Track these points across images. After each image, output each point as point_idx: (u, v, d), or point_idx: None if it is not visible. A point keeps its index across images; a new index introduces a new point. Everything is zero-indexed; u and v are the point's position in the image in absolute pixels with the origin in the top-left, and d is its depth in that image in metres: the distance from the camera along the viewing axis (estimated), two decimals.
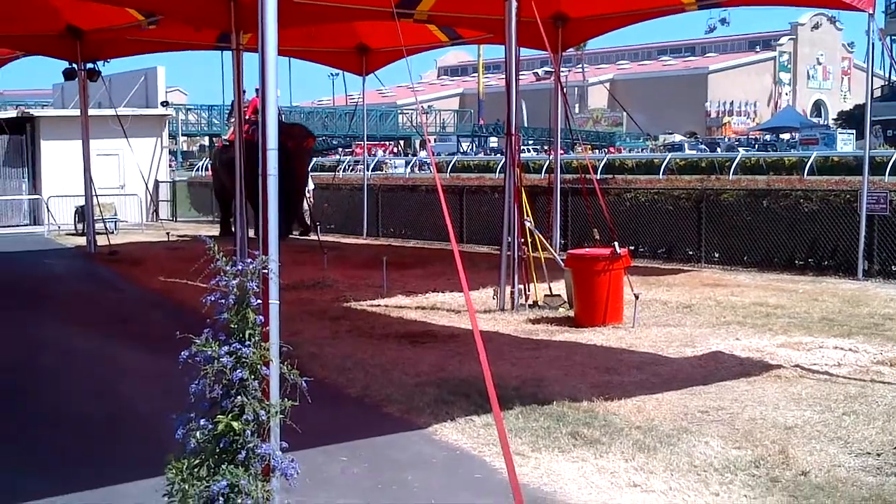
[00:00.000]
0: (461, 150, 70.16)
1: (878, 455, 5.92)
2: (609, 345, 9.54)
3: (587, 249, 11.83)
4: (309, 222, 22.53)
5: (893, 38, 75.68)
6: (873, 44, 15.25)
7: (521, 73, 14.04)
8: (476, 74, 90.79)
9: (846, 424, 6.55)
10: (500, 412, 5.42)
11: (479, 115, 79.62)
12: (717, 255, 15.71)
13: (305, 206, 22.66)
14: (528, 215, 12.50)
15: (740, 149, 55.64)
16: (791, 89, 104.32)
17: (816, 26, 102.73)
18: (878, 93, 68.86)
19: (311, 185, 23.30)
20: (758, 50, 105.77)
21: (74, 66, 19.38)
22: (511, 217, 11.90)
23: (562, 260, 12.12)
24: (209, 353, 4.34)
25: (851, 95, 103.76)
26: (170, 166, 33.32)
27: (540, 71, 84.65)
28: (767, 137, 69.92)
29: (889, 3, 78.09)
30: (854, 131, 57.74)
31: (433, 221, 20.10)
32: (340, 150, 54.05)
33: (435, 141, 73.49)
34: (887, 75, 73.36)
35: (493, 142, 73.34)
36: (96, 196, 20.20)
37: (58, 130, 26.97)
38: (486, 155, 61.45)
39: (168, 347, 4.58)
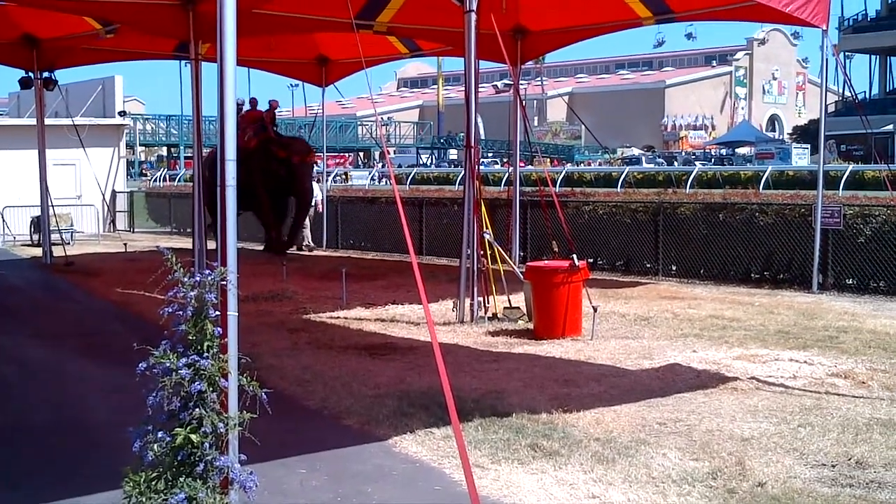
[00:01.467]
0: (421, 162, 70.24)
1: (833, 466, 5.99)
2: (568, 357, 9.58)
3: (546, 262, 11.88)
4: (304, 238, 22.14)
5: (847, 54, 76.99)
6: (827, 60, 15.49)
7: (480, 85, 14.11)
8: (436, 86, 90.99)
9: (802, 436, 6.62)
10: (460, 424, 5.43)
11: (440, 127, 79.76)
12: (674, 268, 15.83)
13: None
14: (487, 227, 12.53)
15: (697, 163, 56.21)
16: (747, 104, 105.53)
17: (763, 42, 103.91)
18: (832, 108, 69.93)
19: (318, 196, 22.66)
20: (714, 65, 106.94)
21: (31, 74, 19.16)
22: (470, 229, 11.92)
23: (521, 272, 12.16)
24: (167, 364, 4.32)
25: (806, 110, 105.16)
26: (144, 174, 33.04)
27: (499, 83, 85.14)
28: (723, 151, 70.69)
29: (843, 19, 79.39)
30: (809, 146, 58.47)
31: (393, 233, 20.10)
32: None
33: (394, 153, 73.55)
34: (841, 91, 74.47)
35: (453, 154, 73.49)
36: (52, 206, 19.97)
37: (13, 140, 26.60)
38: (447, 167, 61.52)
39: (126, 359, 4.54)
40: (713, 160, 62.65)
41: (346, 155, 77.51)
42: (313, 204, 22.02)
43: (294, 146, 21.22)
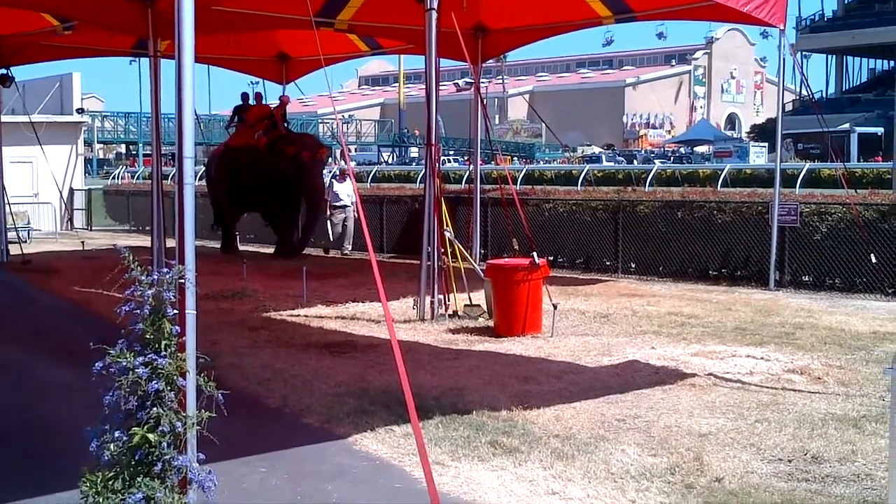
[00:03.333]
0: (382, 160, 70.08)
1: (790, 461, 6.06)
2: (528, 354, 9.62)
3: (507, 260, 11.91)
4: (346, 242, 20.27)
5: (804, 53, 77.86)
6: (784, 59, 15.68)
7: (441, 83, 14.11)
8: (397, 84, 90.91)
9: (759, 431, 6.69)
10: (420, 422, 5.44)
11: (401, 125, 79.62)
12: (633, 266, 15.94)
13: (348, 223, 20.23)
14: (448, 226, 12.55)
15: (656, 161, 56.50)
16: (706, 103, 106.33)
17: (711, 41, 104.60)
18: (789, 107, 70.76)
19: (353, 198, 19.56)
20: (674, 64, 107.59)
21: None
22: (431, 227, 11.93)
23: (482, 270, 12.19)
24: (124, 363, 4.29)
25: (764, 109, 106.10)
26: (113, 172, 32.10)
27: (460, 82, 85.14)
28: (682, 150, 71.17)
29: (800, 19, 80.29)
30: (766, 144, 59.09)
31: (355, 231, 20.05)
32: None
33: (356, 150, 73.35)
34: (798, 90, 75.30)
35: (414, 152, 73.44)
36: (9, 204, 19.74)
37: None
38: (408, 165, 61.45)
39: (83, 358, 4.50)
40: (672, 158, 63.05)
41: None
42: (351, 207, 19.99)
43: (303, 142, 20.25)
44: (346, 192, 20.21)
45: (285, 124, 20.83)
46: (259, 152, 19.48)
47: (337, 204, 20.16)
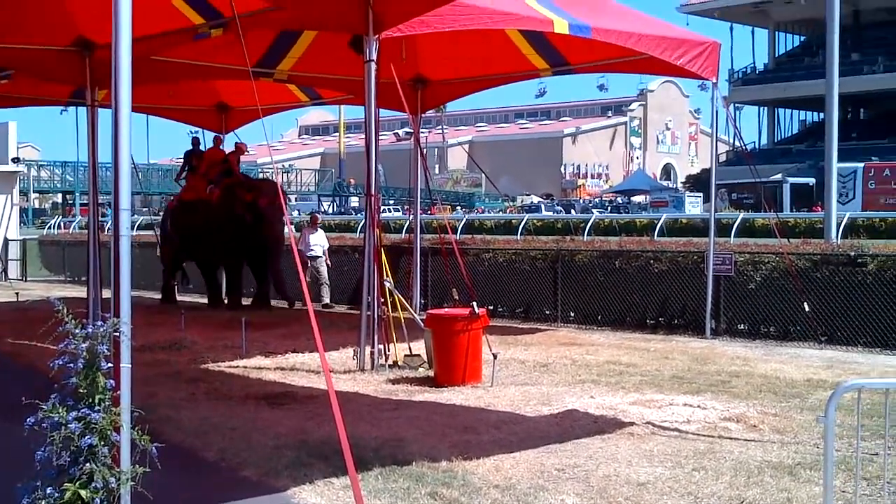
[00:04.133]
0: (322, 210, 70.01)
1: None
2: (468, 404, 9.61)
3: (446, 309, 11.93)
4: (324, 293, 19.55)
5: (737, 105, 79.53)
6: (717, 111, 16.02)
7: (381, 133, 14.20)
8: (337, 134, 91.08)
9: (696, 480, 6.74)
10: (359, 473, 5.41)
11: (341, 175, 79.70)
12: (572, 315, 16.04)
13: (321, 272, 19.63)
14: (388, 275, 12.55)
15: (594, 210, 57.20)
16: (642, 153, 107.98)
17: (644, 92, 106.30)
18: (723, 158, 72.11)
19: (325, 246, 19.92)
20: (610, 115, 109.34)
21: None
22: (371, 277, 11.92)
23: (422, 320, 12.19)
24: (56, 418, 4.23)
25: (699, 160, 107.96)
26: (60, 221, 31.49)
27: (400, 132, 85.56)
28: (620, 199, 72.14)
29: (732, 72, 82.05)
30: (701, 194, 59.97)
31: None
32: None
33: (295, 200, 73.17)
34: (732, 141, 76.78)
35: (354, 201, 73.47)
36: None
37: None
38: (349, 214, 61.44)
39: (15, 412, 4.42)
40: (610, 208, 63.83)
41: None
42: (324, 256, 19.68)
43: (262, 188, 19.51)
44: (317, 241, 19.83)
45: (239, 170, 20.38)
46: (213, 206, 19.14)
47: (309, 254, 19.52)
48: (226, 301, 19.71)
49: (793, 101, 79.33)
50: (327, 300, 19.50)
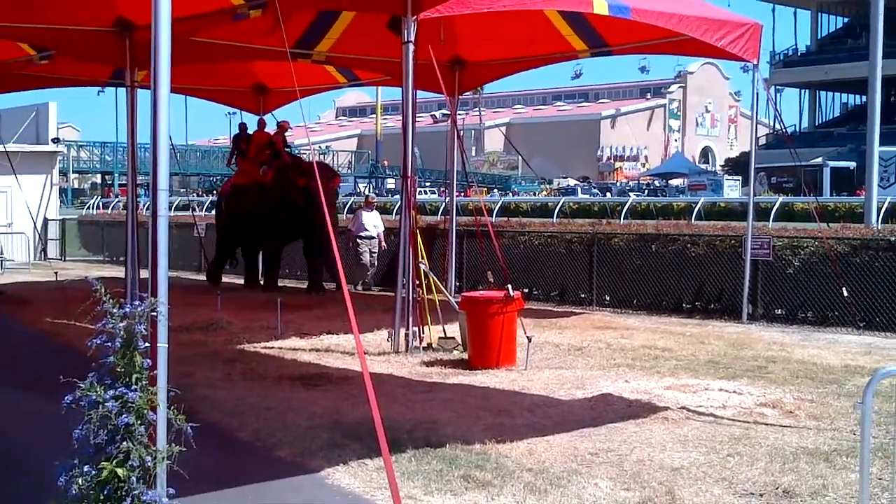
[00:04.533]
0: (358, 191, 70.13)
1: (761, 495, 6.08)
2: (502, 387, 9.62)
3: (481, 292, 11.93)
4: (369, 274, 19.28)
5: (778, 88, 78.58)
6: (758, 93, 15.84)
7: (419, 114, 14.17)
8: (374, 115, 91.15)
9: (731, 465, 6.71)
10: (392, 455, 5.43)
11: (378, 157, 79.77)
12: (607, 298, 15.98)
13: (364, 254, 19.23)
14: (423, 258, 12.56)
15: (631, 194, 56.86)
16: (680, 136, 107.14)
17: (682, 74, 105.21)
18: (763, 141, 71.25)
19: (381, 228, 19.49)
20: (649, 97, 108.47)
21: None
22: (406, 259, 11.94)
23: (456, 302, 12.19)
24: (94, 397, 4.26)
25: (738, 143, 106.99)
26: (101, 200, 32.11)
27: (437, 113, 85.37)
28: (657, 183, 71.66)
29: (774, 54, 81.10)
30: (740, 178, 59.46)
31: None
32: None
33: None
34: (772, 124, 75.95)
35: (391, 183, 73.53)
36: None
37: None
38: (385, 196, 61.48)
39: (54, 391, 4.47)
40: (647, 191, 63.44)
41: None
42: (377, 237, 19.27)
43: (315, 172, 19.11)
44: (372, 222, 19.55)
45: (287, 149, 20.22)
46: (268, 189, 18.98)
47: (363, 234, 19.23)
48: (262, 282, 19.77)
49: (835, 83, 78.24)
50: (369, 282, 19.36)
